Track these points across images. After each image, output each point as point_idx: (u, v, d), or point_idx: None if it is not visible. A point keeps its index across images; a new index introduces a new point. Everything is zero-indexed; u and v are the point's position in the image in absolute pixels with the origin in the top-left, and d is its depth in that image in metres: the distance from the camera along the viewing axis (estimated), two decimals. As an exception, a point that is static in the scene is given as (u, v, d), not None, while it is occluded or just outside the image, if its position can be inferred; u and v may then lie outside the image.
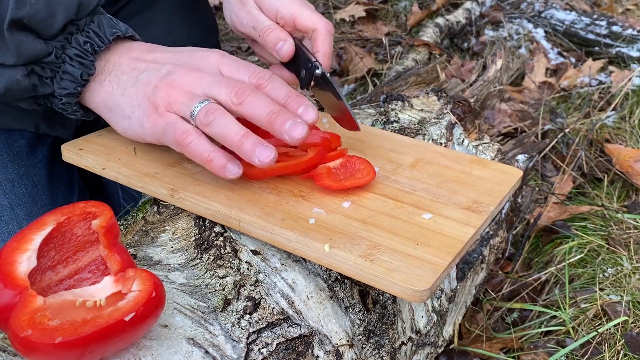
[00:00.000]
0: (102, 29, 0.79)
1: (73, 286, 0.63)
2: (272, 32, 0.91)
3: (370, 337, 0.80)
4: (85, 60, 0.78)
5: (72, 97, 0.80)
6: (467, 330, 1.21)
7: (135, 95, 0.79)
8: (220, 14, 2.61)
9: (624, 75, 2.07)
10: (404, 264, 0.68)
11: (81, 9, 0.77)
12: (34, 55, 0.75)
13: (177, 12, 1.21)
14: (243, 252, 0.74)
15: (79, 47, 0.78)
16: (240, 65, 0.79)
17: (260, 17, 0.93)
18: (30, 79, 0.76)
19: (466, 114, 1.18)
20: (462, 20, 2.52)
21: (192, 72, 0.78)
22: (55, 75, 0.78)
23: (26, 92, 0.78)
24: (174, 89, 0.76)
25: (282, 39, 0.91)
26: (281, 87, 0.78)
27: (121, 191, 1.20)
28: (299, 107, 0.76)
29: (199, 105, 0.74)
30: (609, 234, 1.37)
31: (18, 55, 0.74)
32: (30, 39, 0.74)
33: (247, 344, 0.66)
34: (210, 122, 0.73)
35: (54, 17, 0.75)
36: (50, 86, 0.79)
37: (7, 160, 1.03)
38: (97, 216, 0.63)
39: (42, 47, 0.75)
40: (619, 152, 1.64)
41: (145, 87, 0.78)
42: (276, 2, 0.92)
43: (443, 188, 0.83)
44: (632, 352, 1.07)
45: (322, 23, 0.91)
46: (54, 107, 0.82)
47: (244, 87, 0.75)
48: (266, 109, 0.74)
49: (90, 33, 0.78)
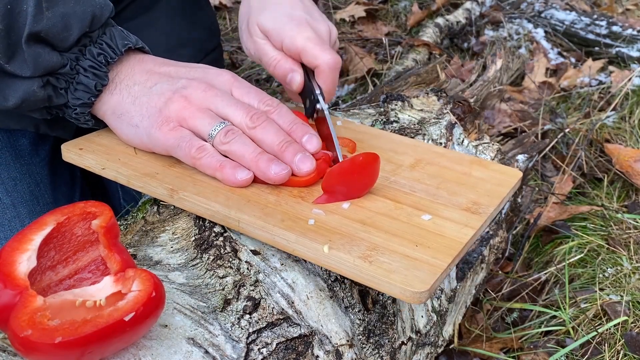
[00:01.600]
0: (114, 41, 0.81)
1: (73, 286, 0.63)
2: (278, 63, 0.92)
3: (370, 337, 0.80)
4: (99, 72, 0.80)
5: (86, 107, 0.82)
6: (467, 330, 1.21)
7: (146, 105, 0.80)
8: (220, 14, 2.62)
9: (624, 75, 2.07)
10: (403, 266, 0.68)
11: (94, 22, 0.79)
12: (50, 67, 0.77)
13: (178, 13, 1.20)
14: (243, 252, 0.74)
15: (93, 59, 0.80)
16: (251, 90, 0.82)
17: (266, 47, 0.93)
18: (45, 90, 0.78)
19: (466, 114, 1.18)
20: (462, 20, 2.52)
21: (207, 89, 0.80)
22: (70, 86, 0.80)
23: (41, 102, 0.80)
24: (189, 104, 0.79)
25: (290, 70, 0.92)
26: (287, 114, 0.82)
27: (121, 191, 1.20)
28: (303, 135, 0.80)
29: (219, 126, 0.78)
30: (609, 234, 1.37)
31: (35, 67, 0.76)
32: (46, 52, 0.76)
33: (247, 344, 0.66)
34: (229, 141, 0.78)
35: (69, 30, 0.77)
36: (64, 97, 0.81)
37: (9, 158, 1.03)
38: (97, 216, 0.63)
39: (57, 59, 0.77)
40: (619, 152, 1.64)
41: (158, 97, 0.80)
42: (281, 33, 0.91)
43: (442, 189, 0.83)
44: (632, 352, 1.07)
45: (325, 59, 0.89)
46: (66, 116, 0.84)
47: (259, 113, 0.79)
48: (278, 137, 0.79)
49: (103, 45, 0.81)
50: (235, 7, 2.66)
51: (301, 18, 0.92)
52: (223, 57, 1.39)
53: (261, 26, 0.93)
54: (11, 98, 0.77)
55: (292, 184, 0.80)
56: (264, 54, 0.94)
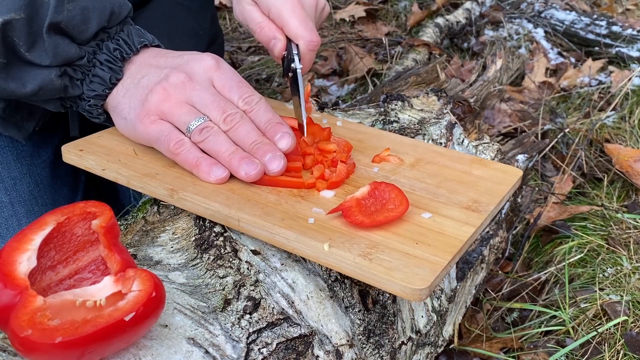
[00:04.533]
0: (130, 38, 0.85)
1: (73, 286, 0.63)
2: (262, 30, 0.94)
3: (370, 336, 0.80)
4: (115, 66, 0.84)
5: (99, 100, 0.85)
6: (467, 330, 1.21)
7: (133, 97, 0.83)
8: (220, 14, 2.61)
9: (623, 75, 2.07)
10: (403, 263, 0.68)
11: (113, 18, 0.83)
12: (68, 58, 0.80)
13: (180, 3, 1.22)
14: (243, 252, 0.74)
15: (109, 53, 0.83)
16: (233, 85, 0.83)
17: (252, 12, 0.95)
18: (62, 80, 0.81)
19: (466, 114, 1.18)
20: (462, 20, 2.52)
21: (186, 81, 0.82)
22: (85, 78, 0.83)
23: (57, 92, 0.82)
24: (169, 96, 0.81)
25: (272, 37, 0.93)
26: (265, 113, 0.83)
27: (133, 192, 1.21)
28: (275, 134, 0.82)
29: (196, 122, 0.80)
30: (609, 234, 1.37)
31: (54, 57, 0.79)
32: (65, 43, 0.80)
33: (247, 344, 0.66)
34: (205, 138, 0.80)
35: (88, 24, 0.80)
36: (80, 88, 0.84)
37: (10, 158, 1.04)
38: (97, 216, 0.63)
39: (76, 50, 0.81)
40: (619, 152, 1.64)
41: (142, 90, 0.82)
42: (269, 1, 0.92)
43: (443, 187, 0.83)
44: (632, 352, 1.07)
45: (305, 39, 0.91)
46: (79, 109, 0.87)
47: (233, 114, 0.81)
48: (250, 139, 0.80)
49: (120, 41, 0.84)
50: (235, 7, 2.66)
51: None
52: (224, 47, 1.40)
53: None
54: (29, 85, 0.80)
55: (287, 186, 0.80)
56: (250, 20, 0.95)
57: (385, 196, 0.77)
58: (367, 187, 0.77)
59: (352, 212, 0.73)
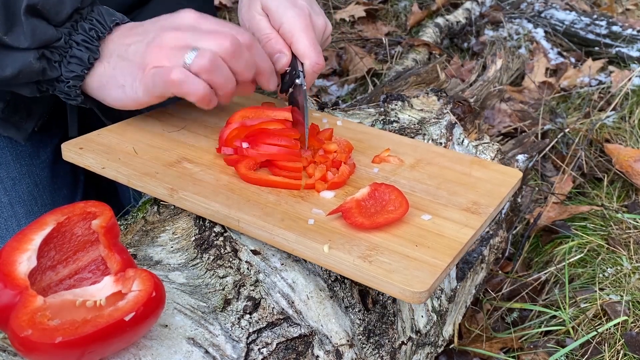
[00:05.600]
0: (102, 17, 0.85)
1: (73, 286, 0.63)
2: (269, 41, 0.94)
3: (370, 336, 0.80)
4: (91, 46, 0.83)
5: (78, 80, 0.84)
6: (467, 330, 1.21)
7: (126, 67, 0.83)
8: (220, 14, 2.61)
9: (623, 75, 2.07)
10: (403, 265, 0.68)
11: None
12: (46, 40, 0.80)
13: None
14: (243, 252, 0.74)
15: (85, 33, 0.83)
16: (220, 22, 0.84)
17: (261, 23, 0.95)
18: (41, 63, 0.81)
19: (466, 114, 1.18)
20: (462, 20, 2.52)
21: (176, 29, 0.82)
22: (63, 60, 0.83)
23: (36, 75, 0.82)
24: (162, 48, 0.81)
25: (279, 51, 0.93)
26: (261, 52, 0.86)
27: (133, 192, 1.21)
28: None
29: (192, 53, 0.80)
30: (609, 234, 1.37)
31: (32, 39, 0.79)
32: (43, 25, 0.80)
33: (247, 344, 0.66)
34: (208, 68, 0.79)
35: (63, 4, 0.80)
36: (58, 70, 0.83)
37: (9, 158, 1.04)
38: (97, 216, 0.63)
39: (53, 32, 0.81)
40: (619, 152, 1.64)
41: (134, 56, 0.83)
42: (282, 16, 0.93)
43: (443, 189, 0.83)
44: (632, 352, 1.07)
45: (312, 59, 0.92)
46: (57, 92, 0.86)
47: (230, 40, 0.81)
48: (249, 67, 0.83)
49: (93, 21, 0.84)
50: (235, 7, 2.66)
51: (303, 7, 0.93)
52: None
53: (264, 3, 0.95)
54: (8, 69, 0.80)
55: (286, 187, 0.80)
56: (257, 29, 0.95)
57: (385, 197, 0.77)
58: (367, 189, 0.77)
59: (352, 214, 0.73)
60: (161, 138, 0.89)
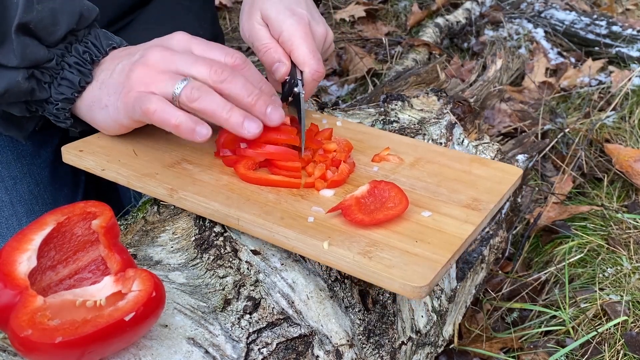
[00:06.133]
0: (99, 40, 0.83)
1: (73, 286, 0.63)
2: (268, 51, 0.93)
3: (370, 336, 0.80)
4: (84, 69, 0.82)
5: (68, 103, 0.83)
6: (467, 330, 1.21)
7: (112, 85, 0.81)
8: (220, 14, 2.61)
9: (623, 75, 2.07)
10: (403, 261, 0.68)
11: (81, 20, 0.81)
12: (36, 60, 0.78)
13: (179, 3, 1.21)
14: (243, 252, 0.74)
15: (78, 56, 0.82)
16: (213, 46, 0.81)
17: (260, 33, 0.94)
18: (29, 82, 0.79)
19: (466, 114, 1.18)
20: (462, 20, 2.52)
21: (164, 50, 0.79)
22: (54, 81, 0.81)
23: (24, 95, 0.80)
24: (150, 69, 0.78)
25: (278, 60, 0.92)
26: (255, 72, 0.81)
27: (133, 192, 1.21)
28: (271, 94, 0.80)
29: (182, 84, 0.76)
30: (609, 234, 1.37)
31: (22, 58, 0.77)
32: (34, 44, 0.78)
33: (247, 344, 0.66)
34: (197, 98, 0.75)
35: (57, 25, 0.79)
36: (47, 91, 0.82)
37: (10, 158, 1.04)
38: (97, 216, 0.63)
39: (44, 52, 0.79)
40: (619, 152, 1.64)
41: (119, 75, 0.80)
42: (282, 25, 0.92)
43: (443, 186, 0.83)
44: (632, 352, 1.07)
45: (312, 67, 0.90)
46: (45, 113, 0.85)
47: (223, 66, 0.77)
48: (247, 89, 0.77)
49: (88, 44, 0.83)
50: (235, 7, 2.66)
51: (303, 16, 0.93)
52: None
53: (264, 12, 0.94)
54: None
55: (286, 186, 0.80)
56: (257, 39, 0.94)
57: (384, 195, 0.77)
58: (366, 186, 0.77)
59: (351, 211, 0.73)
60: (161, 140, 0.89)
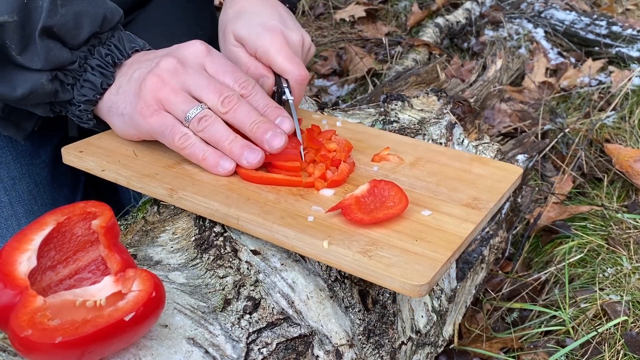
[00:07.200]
0: (122, 43, 0.85)
1: (73, 286, 0.63)
2: (249, 70, 0.95)
3: (370, 336, 0.80)
4: (106, 71, 0.84)
5: (90, 105, 0.85)
6: (467, 330, 1.21)
7: (127, 92, 0.83)
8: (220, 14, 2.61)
9: (623, 75, 2.07)
10: (403, 260, 0.68)
11: (105, 23, 0.83)
12: (59, 62, 0.80)
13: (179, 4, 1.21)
14: (243, 252, 0.74)
15: (101, 59, 0.84)
16: (226, 70, 0.83)
17: (239, 54, 0.96)
18: (53, 84, 0.81)
19: (466, 114, 1.18)
20: (462, 20, 2.52)
21: (178, 66, 0.81)
22: (76, 83, 0.83)
23: (47, 96, 0.82)
24: (163, 83, 0.80)
25: (260, 76, 0.94)
26: (263, 98, 0.84)
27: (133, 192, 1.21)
28: (276, 117, 0.82)
29: (194, 112, 0.80)
30: (609, 234, 1.37)
31: (45, 61, 0.79)
32: (57, 47, 0.80)
33: (247, 344, 0.66)
34: (204, 128, 0.80)
35: (81, 28, 0.80)
36: (70, 93, 0.84)
37: (9, 158, 1.04)
38: (97, 216, 0.63)
39: (67, 55, 0.81)
40: (619, 152, 1.64)
41: (136, 82, 0.82)
42: (256, 42, 0.93)
43: (442, 185, 0.83)
44: (632, 352, 1.07)
45: (294, 73, 0.92)
46: (68, 114, 0.87)
47: (230, 96, 0.80)
48: (250, 118, 0.80)
49: (111, 46, 0.84)
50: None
51: (275, 28, 0.94)
52: None
53: (236, 34, 0.96)
54: (19, 89, 0.80)
55: (286, 184, 0.80)
56: (236, 61, 0.96)
57: (384, 194, 0.77)
58: (366, 185, 0.77)
59: (351, 210, 0.73)
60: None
